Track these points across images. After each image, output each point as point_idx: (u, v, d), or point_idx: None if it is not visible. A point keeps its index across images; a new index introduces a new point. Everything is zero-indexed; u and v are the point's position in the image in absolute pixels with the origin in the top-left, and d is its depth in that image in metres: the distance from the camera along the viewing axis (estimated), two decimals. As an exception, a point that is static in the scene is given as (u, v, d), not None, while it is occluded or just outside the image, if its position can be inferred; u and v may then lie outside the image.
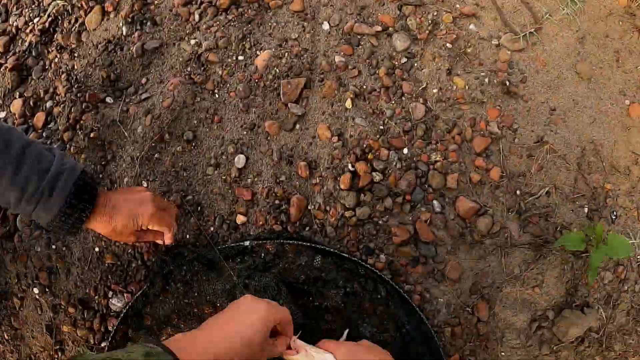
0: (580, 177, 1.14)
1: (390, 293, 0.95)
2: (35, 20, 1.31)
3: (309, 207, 0.97)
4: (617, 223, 1.14)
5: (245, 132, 1.02)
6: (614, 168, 1.14)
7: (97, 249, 1.07)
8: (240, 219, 0.98)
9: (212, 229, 0.99)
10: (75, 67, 1.21)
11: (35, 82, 1.26)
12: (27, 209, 0.78)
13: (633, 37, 1.24)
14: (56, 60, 1.24)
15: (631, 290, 1.10)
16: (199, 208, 1.00)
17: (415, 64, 1.09)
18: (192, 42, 1.14)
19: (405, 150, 1.00)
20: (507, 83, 1.12)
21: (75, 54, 1.23)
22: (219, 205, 1.00)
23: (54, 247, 1.10)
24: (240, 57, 1.09)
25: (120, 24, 1.20)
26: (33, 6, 1.34)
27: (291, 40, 1.10)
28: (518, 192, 1.06)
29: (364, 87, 1.03)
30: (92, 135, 1.12)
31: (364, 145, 0.99)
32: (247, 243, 0.95)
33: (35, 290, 1.10)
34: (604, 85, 1.23)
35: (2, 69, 1.28)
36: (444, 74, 1.07)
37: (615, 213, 1.15)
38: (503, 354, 1.04)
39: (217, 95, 1.07)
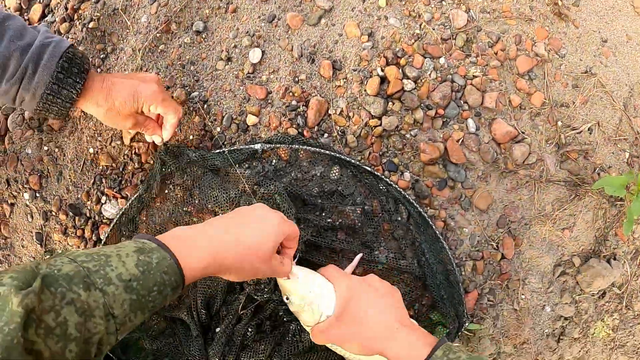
0: (626, 118, 1.04)
1: (412, 216, 0.85)
2: None
3: (329, 112, 0.86)
4: (657, 173, 1.04)
5: (263, 24, 0.89)
6: (664, 111, 1.04)
7: (91, 150, 0.97)
8: (251, 119, 0.87)
9: (218, 129, 0.88)
10: (75, -53, 1.07)
11: (31, -28, 1.13)
12: (10, 92, 0.68)
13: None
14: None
15: (665, 244, 1.02)
16: (206, 105, 0.89)
17: (460, -30, 0.96)
18: None
19: (442, 60, 0.88)
20: (559, 3, 1.00)
21: None
22: (228, 104, 0.88)
23: (45, 148, 1.01)
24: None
25: None
26: None
27: None
28: (559, 123, 0.96)
29: (402, -15, 0.91)
30: (91, 25, 1.00)
31: (397, 49, 0.87)
32: (257, 146, 0.84)
33: (26, 196, 1.02)
34: (659, 24, 1.11)
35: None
36: (491, -18, 0.95)
37: (656, 162, 1.05)
38: (523, 296, 0.96)
39: (233, -17, 0.94)
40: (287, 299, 0.73)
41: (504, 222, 0.92)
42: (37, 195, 1.03)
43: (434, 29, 0.89)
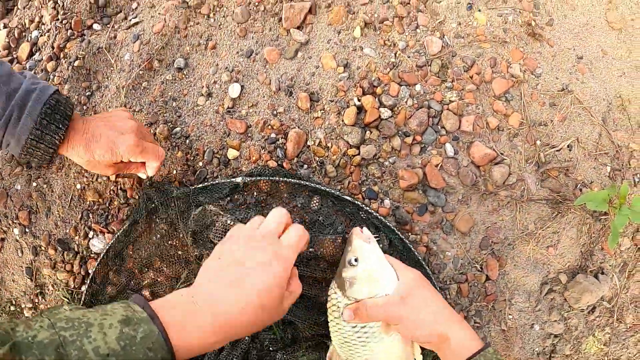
0: (605, 133, 1.05)
1: (393, 242, 0.87)
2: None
3: (308, 143, 0.87)
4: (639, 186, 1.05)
5: (241, 59, 0.91)
6: (642, 125, 1.05)
7: (78, 186, 0.99)
8: (232, 153, 0.89)
9: (200, 163, 0.90)
10: (60, -10, 1.10)
11: (21, 11, 1.16)
12: None
13: (672, -16, 1.13)
14: (40, -17, 1.14)
15: (652, 257, 1.03)
16: (187, 141, 0.91)
17: (433, -4, 0.98)
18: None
19: (418, 87, 0.90)
20: (533, 24, 1.01)
21: (60, -24, 1.12)
22: (209, 138, 0.90)
23: (34, 184, 1.03)
24: (239, -19, 0.98)
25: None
26: None
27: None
28: (538, 142, 0.97)
29: (376, 15, 0.92)
30: (76, 64, 1.02)
31: (372, 78, 0.89)
32: (239, 180, 0.85)
33: (16, 231, 1.04)
34: (635, 37, 1.13)
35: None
36: (464, 8, 0.97)
37: (639, 175, 1.06)
38: (510, 316, 0.96)
39: (212, 20, 0.96)
40: (356, 260, 0.70)
41: (487, 244, 0.93)
42: (27, 230, 1.05)
43: (409, 57, 0.91)
